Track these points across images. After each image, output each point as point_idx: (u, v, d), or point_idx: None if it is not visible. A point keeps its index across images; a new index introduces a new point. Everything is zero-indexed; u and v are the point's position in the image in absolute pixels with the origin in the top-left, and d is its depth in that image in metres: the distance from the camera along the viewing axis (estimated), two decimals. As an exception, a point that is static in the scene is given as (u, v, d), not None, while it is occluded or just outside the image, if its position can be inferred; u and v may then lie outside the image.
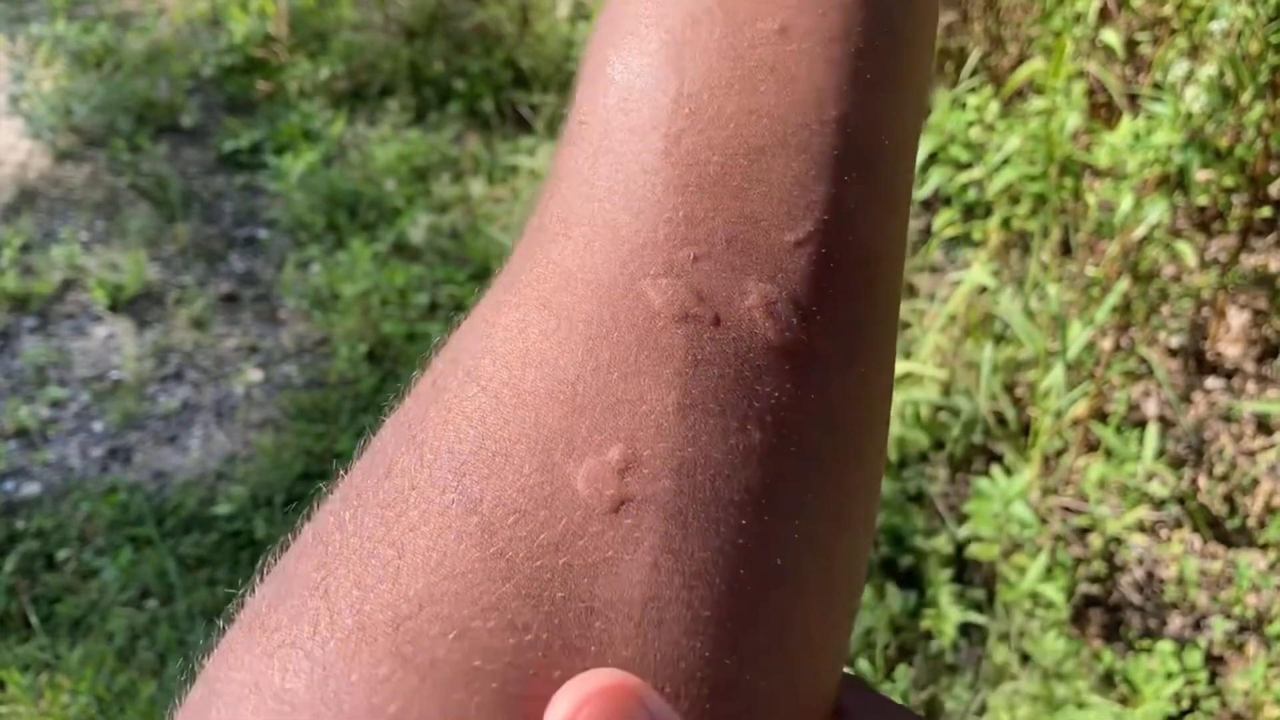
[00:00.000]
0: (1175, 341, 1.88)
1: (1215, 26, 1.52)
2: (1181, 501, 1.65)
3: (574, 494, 0.20)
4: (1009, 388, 1.81)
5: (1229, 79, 1.51)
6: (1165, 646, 1.40)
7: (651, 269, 0.21)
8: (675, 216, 0.22)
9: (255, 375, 2.13)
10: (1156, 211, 1.52)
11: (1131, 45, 1.93)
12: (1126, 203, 1.54)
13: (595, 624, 0.19)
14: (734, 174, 0.22)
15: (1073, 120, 1.62)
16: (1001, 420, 1.76)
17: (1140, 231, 1.59)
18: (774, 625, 0.20)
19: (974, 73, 2.16)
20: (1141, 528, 1.63)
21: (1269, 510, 1.62)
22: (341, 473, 0.22)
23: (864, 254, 0.23)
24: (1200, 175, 1.60)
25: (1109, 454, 1.63)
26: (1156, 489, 1.58)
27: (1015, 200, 1.79)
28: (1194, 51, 1.64)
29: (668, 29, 0.24)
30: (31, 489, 1.88)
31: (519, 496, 0.19)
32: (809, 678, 0.21)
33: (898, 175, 0.24)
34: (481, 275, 2.24)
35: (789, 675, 0.20)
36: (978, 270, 1.72)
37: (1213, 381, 1.84)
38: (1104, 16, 1.89)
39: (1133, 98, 1.93)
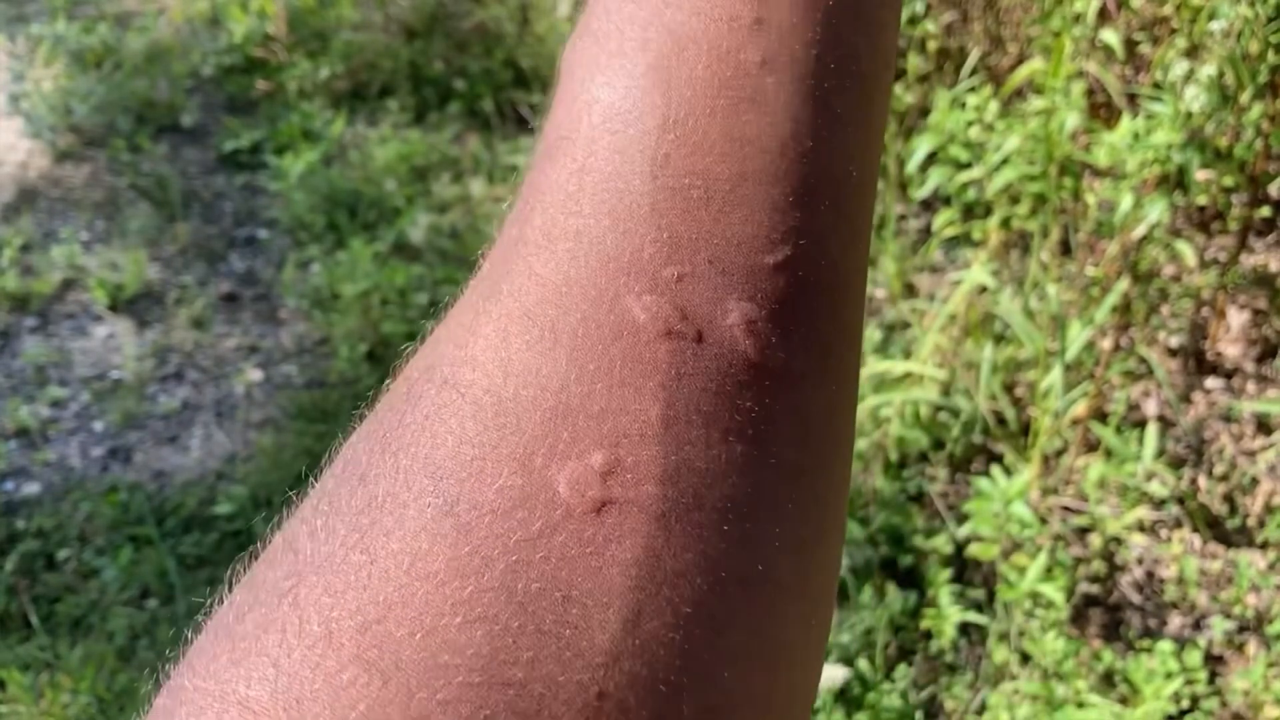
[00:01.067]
0: (1175, 341, 1.88)
1: (1215, 26, 1.52)
2: (1181, 501, 1.65)
3: (554, 495, 0.20)
4: (1009, 388, 1.81)
5: (1229, 79, 1.51)
6: (1165, 646, 1.40)
7: (636, 286, 0.22)
8: (660, 237, 0.23)
9: (255, 375, 2.13)
10: (1156, 211, 1.52)
11: (1131, 45, 1.93)
12: (1126, 202, 1.54)
13: (571, 611, 0.19)
14: (717, 198, 0.23)
15: (1072, 120, 1.62)
16: (1001, 420, 1.76)
17: (1140, 231, 1.59)
18: (752, 627, 0.20)
19: (973, 72, 2.16)
20: (1141, 528, 1.63)
21: (1269, 510, 1.62)
22: (313, 481, 0.22)
23: (834, 277, 0.24)
24: (1200, 175, 1.60)
25: (1109, 454, 1.63)
26: (1156, 489, 1.59)
27: (1015, 200, 1.79)
28: (1193, 51, 1.64)
29: (655, 54, 0.24)
30: (32, 489, 1.88)
31: (496, 497, 0.20)
32: (786, 683, 0.21)
33: (862, 204, 0.26)
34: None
35: (767, 677, 0.21)
36: (978, 270, 1.72)
37: (1213, 381, 1.84)
38: (1103, 16, 1.89)
39: (1132, 97, 1.94)
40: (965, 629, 1.52)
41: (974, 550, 1.45)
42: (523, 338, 0.22)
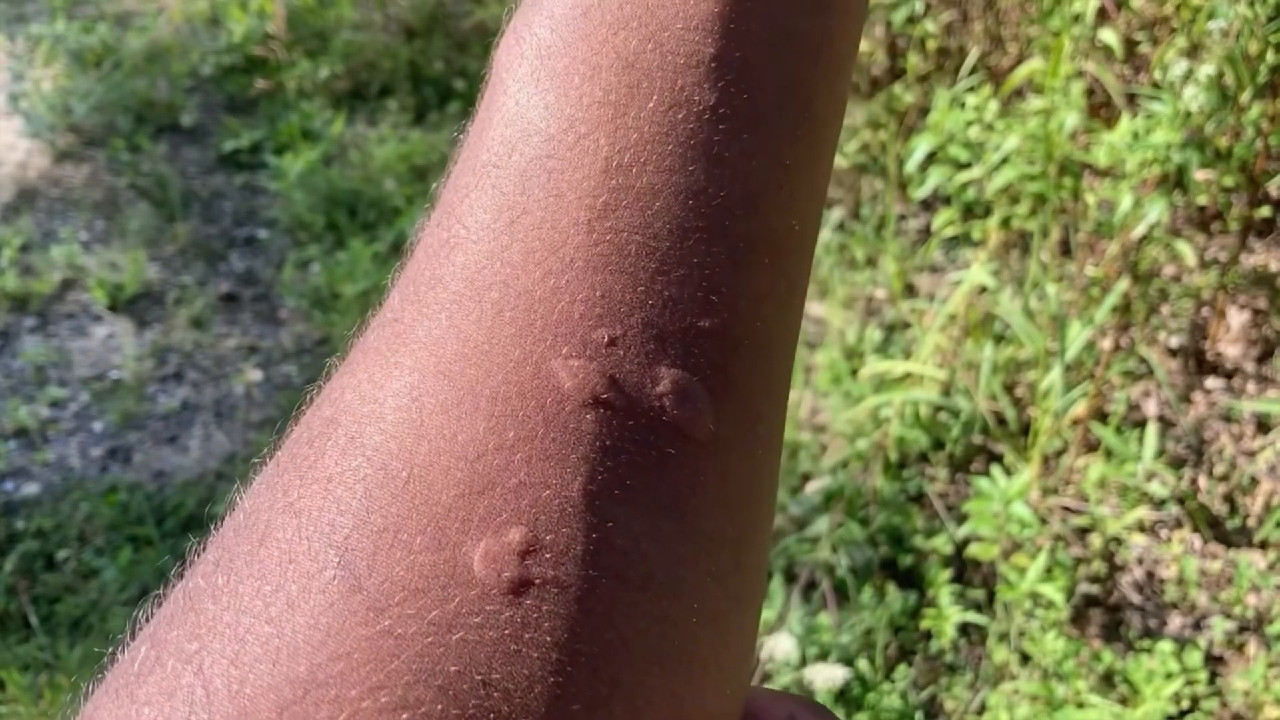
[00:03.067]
0: (1175, 341, 1.88)
1: (1214, 26, 1.52)
2: (1181, 501, 1.65)
3: (469, 573, 0.19)
4: (1009, 388, 1.81)
5: (1228, 79, 1.51)
6: (1165, 646, 1.40)
7: (564, 348, 0.21)
8: (592, 295, 0.21)
9: (255, 375, 2.13)
10: (1156, 211, 1.52)
11: (1130, 45, 1.93)
12: (1126, 202, 1.54)
13: (493, 695, 0.18)
14: (655, 255, 0.22)
15: (1072, 120, 1.62)
16: (1001, 420, 1.76)
17: (1140, 231, 1.59)
18: (670, 705, 0.20)
19: (973, 72, 2.16)
20: (1141, 528, 1.63)
21: (1269, 510, 1.62)
22: (214, 528, 0.21)
23: (769, 337, 0.23)
24: (1199, 175, 1.60)
25: (1109, 454, 1.63)
26: (1156, 489, 1.58)
27: (1015, 200, 1.79)
28: (1193, 51, 1.64)
29: (604, 86, 0.23)
30: (31, 489, 1.88)
31: (408, 574, 0.19)
32: None
33: (802, 258, 0.25)
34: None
35: None
36: (977, 270, 1.72)
37: (1213, 381, 1.84)
38: (1103, 16, 1.89)
39: (1131, 97, 1.93)
40: (965, 629, 1.52)
41: (974, 550, 1.45)
42: (437, 398, 0.21)
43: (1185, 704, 1.38)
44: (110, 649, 0.20)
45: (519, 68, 0.24)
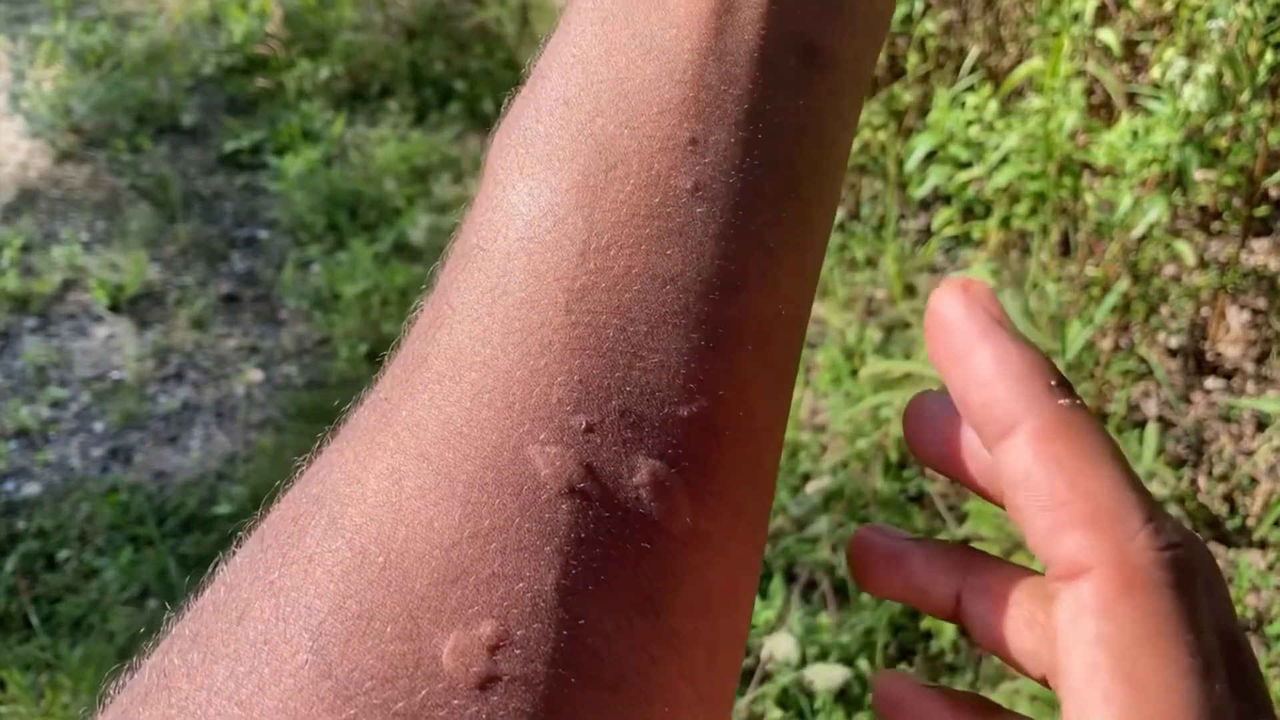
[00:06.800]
0: (1175, 341, 1.88)
1: (1213, 25, 1.52)
2: (1181, 501, 1.65)
3: (438, 665, 0.19)
4: (1009, 387, 1.81)
5: (1227, 79, 1.51)
6: (1164, 646, 1.39)
7: (542, 433, 0.21)
8: (570, 380, 0.21)
9: (256, 375, 2.13)
10: (1156, 211, 1.52)
11: (1130, 45, 1.93)
12: (1125, 202, 1.54)
13: None
14: (633, 341, 0.22)
15: (1071, 119, 1.62)
16: (1001, 420, 1.76)
17: (1139, 231, 1.59)
18: None
19: (973, 71, 2.16)
20: (1141, 527, 1.63)
21: (1267, 509, 1.62)
22: (191, 598, 0.21)
23: (752, 427, 0.23)
24: (1199, 175, 1.60)
25: (1108, 453, 1.63)
26: (1156, 489, 1.59)
27: (1014, 199, 1.79)
28: (1192, 50, 1.65)
29: (582, 170, 0.23)
30: (32, 489, 1.88)
31: (377, 663, 0.19)
32: None
33: (790, 343, 0.24)
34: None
35: None
36: (977, 270, 1.72)
37: (1212, 381, 1.84)
38: (1102, 16, 1.90)
39: (1131, 97, 1.94)
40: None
41: (973, 550, 1.45)
42: (416, 481, 0.20)
43: (1185, 703, 1.38)
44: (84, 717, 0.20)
45: (507, 156, 0.24)
